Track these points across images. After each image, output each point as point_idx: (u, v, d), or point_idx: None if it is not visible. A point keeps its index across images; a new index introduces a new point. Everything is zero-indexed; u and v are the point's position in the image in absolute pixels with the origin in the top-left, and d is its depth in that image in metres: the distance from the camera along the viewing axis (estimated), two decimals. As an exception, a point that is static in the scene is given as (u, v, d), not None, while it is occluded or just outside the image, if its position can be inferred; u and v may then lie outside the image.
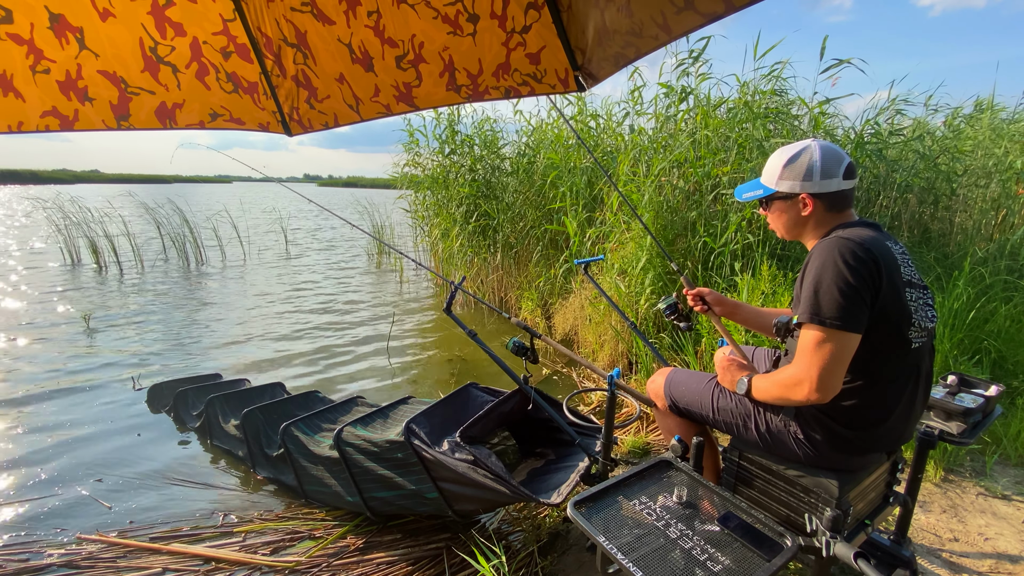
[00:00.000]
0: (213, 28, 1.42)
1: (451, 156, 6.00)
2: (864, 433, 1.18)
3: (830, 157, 1.23)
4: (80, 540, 2.12)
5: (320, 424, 2.38)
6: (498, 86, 1.64)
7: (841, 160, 1.23)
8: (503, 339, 3.85)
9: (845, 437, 1.19)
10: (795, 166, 1.25)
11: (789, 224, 1.32)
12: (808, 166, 1.23)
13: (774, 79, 3.81)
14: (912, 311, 1.15)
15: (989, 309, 3.16)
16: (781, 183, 1.28)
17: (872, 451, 1.22)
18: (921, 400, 1.25)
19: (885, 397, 1.18)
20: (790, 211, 1.30)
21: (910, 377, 1.19)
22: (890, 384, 1.18)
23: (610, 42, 1.38)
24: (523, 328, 2.05)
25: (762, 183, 1.33)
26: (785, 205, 1.30)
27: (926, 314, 1.18)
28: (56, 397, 3.52)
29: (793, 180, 1.26)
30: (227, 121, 1.57)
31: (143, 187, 42.01)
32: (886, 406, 1.18)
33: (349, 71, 1.59)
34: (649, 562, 0.99)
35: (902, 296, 1.14)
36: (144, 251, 8.95)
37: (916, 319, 1.16)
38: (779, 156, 1.29)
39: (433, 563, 1.93)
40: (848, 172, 1.23)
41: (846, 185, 1.23)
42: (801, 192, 1.25)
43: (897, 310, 1.13)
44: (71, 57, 1.26)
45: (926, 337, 1.19)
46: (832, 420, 1.20)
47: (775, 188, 1.29)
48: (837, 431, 1.19)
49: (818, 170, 1.22)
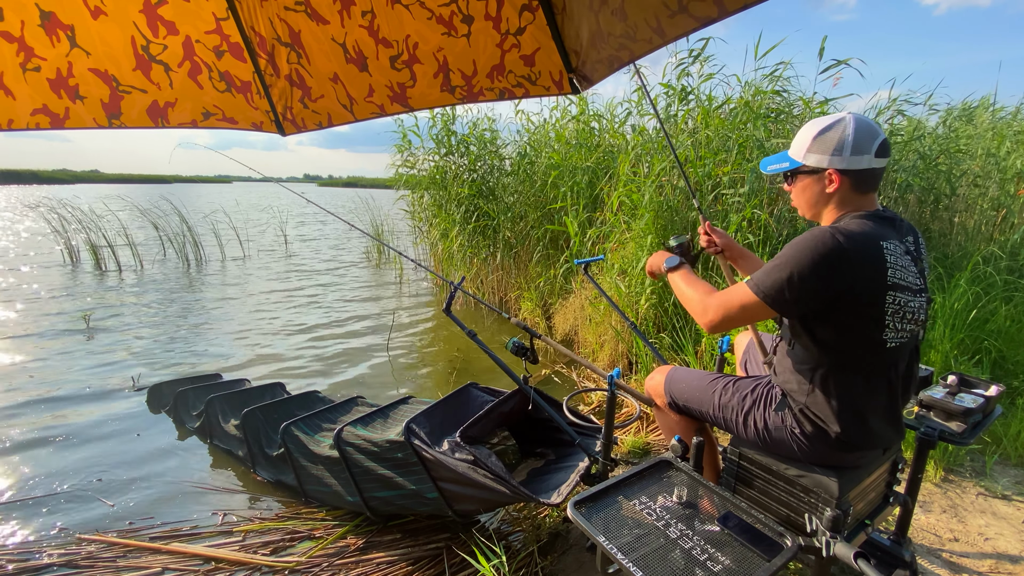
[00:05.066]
0: (206, 27, 1.41)
1: (448, 157, 6.00)
2: (848, 429, 1.18)
3: (864, 132, 1.15)
4: (80, 540, 2.12)
5: (320, 424, 2.38)
6: (492, 87, 1.64)
7: (875, 136, 1.15)
8: (503, 339, 3.85)
9: (833, 433, 1.19)
10: (825, 139, 1.17)
11: (812, 200, 1.25)
12: (839, 140, 1.15)
13: (776, 79, 3.81)
14: (888, 312, 1.12)
15: (989, 309, 3.16)
16: (809, 156, 1.20)
17: (861, 448, 1.21)
18: (901, 397, 1.24)
19: (860, 393, 1.18)
20: (815, 187, 1.22)
21: (884, 375, 1.18)
22: (865, 381, 1.17)
23: (604, 45, 1.38)
24: (523, 328, 2.05)
25: (789, 155, 1.26)
26: (810, 180, 1.23)
27: (909, 316, 1.15)
28: (56, 397, 3.52)
29: (821, 154, 1.18)
30: (220, 120, 1.57)
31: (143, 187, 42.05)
32: (863, 402, 1.18)
33: (343, 71, 1.58)
34: (649, 562, 0.99)
35: (879, 298, 1.11)
36: (143, 251, 8.95)
37: (891, 321, 1.13)
38: (810, 128, 1.21)
39: (433, 563, 1.93)
40: (881, 150, 1.15)
41: (877, 164, 1.16)
42: (828, 167, 1.18)
43: (869, 312, 1.11)
44: (62, 55, 1.25)
45: (906, 338, 1.17)
46: (818, 416, 1.20)
47: (802, 161, 1.23)
48: (824, 427, 1.19)
49: (850, 145, 1.14)
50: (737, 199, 3.49)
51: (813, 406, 1.21)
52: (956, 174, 4.11)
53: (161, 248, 9.71)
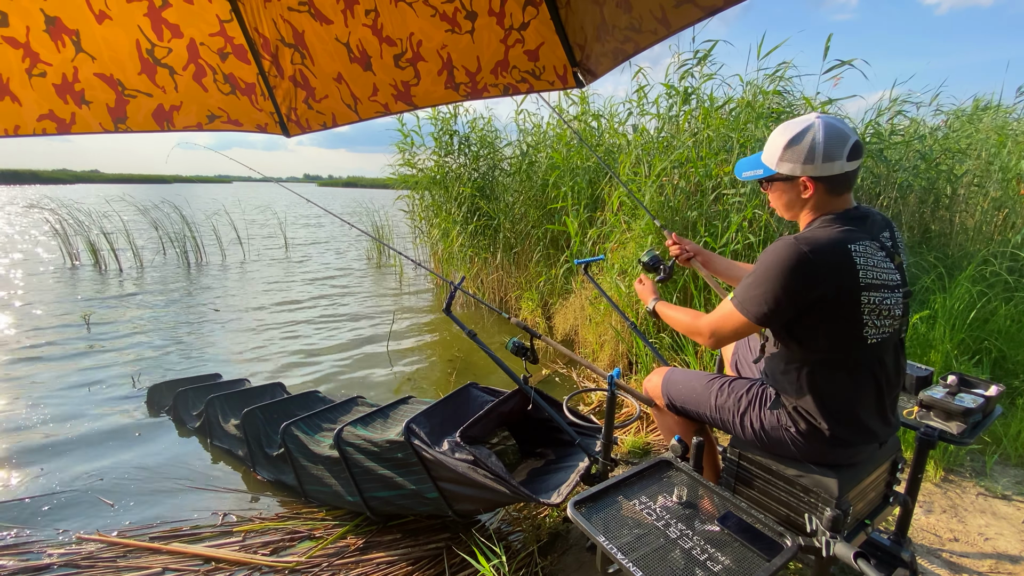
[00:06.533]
0: (210, 29, 1.41)
1: (447, 157, 5.99)
2: (839, 425, 1.20)
3: (834, 137, 1.17)
4: (80, 540, 2.12)
5: (320, 424, 2.38)
6: (497, 83, 1.64)
7: (846, 140, 1.17)
8: (503, 339, 3.85)
9: (825, 429, 1.20)
10: (797, 148, 1.20)
11: (788, 205, 1.29)
12: (810, 148, 1.18)
13: (778, 79, 3.81)
14: (865, 312, 1.15)
15: (989, 309, 3.16)
16: (782, 164, 1.23)
17: (854, 443, 1.22)
18: (888, 391, 1.25)
19: (848, 390, 1.20)
20: (790, 192, 1.26)
21: (870, 370, 1.20)
22: (850, 377, 1.20)
23: (609, 37, 1.38)
24: (523, 328, 2.05)
25: (763, 161, 1.29)
26: (785, 186, 1.27)
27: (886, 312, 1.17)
28: (56, 397, 3.52)
29: (794, 163, 1.21)
30: (225, 123, 1.56)
31: (143, 187, 42.00)
32: (851, 398, 1.20)
33: (347, 70, 1.58)
34: (649, 562, 0.99)
35: (854, 300, 1.14)
36: (143, 251, 8.95)
37: (869, 319, 1.15)
38: (781, 135, 1.23)
39: (433, 563, 1.93)
40: (853, 152, 1.17)
41: (850, 167, 1.18)
42: (802, 175, 1.21)
43: (846, 313, 1.15)
44: (67, 60, 1.25)
45: (888, 333, 1.19)
46: (809, 413, 1.22)
47: (775, 170, 1.25)
48: (816, 423, 1.21)
49: (820, 153, 1.17)
50: (738, 199, 3.49)
51: (804, 404, 1.23)
52: (956, 174, 4.10)
53: (161, 248, 9.72)
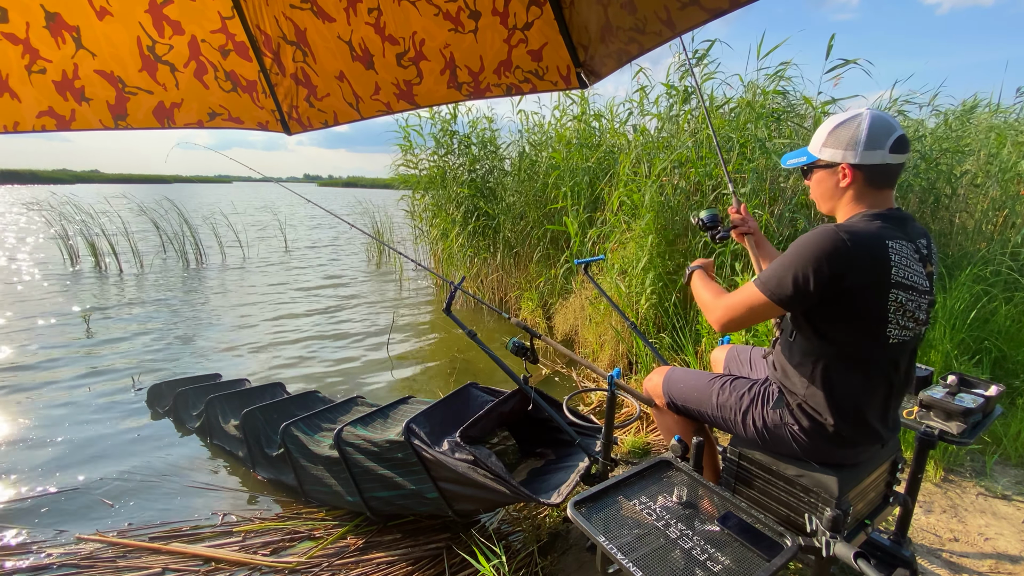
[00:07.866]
0: (212, 26, 1.41)
1: (447, 157, 5.98)
2: (845, 423, 1.19)
3: (879, 127, 1.15)
4: (79, 540, 2.12)
5: (320, 424, 2.38)
6: (499, 83, 1.63)
7: (891, 131, 1.15)
8: (503, 339, 3.85)
9: (829, 426, 1.20)
10: (840, 133, 1.19)
11: (827, 194, 1.27)
12: (854, 135, 1.16)
13: (779, 79, 3.81)
14: (891, 310, 1.13)
15: (990, 309, 3.16)
16: (824, 150, 1.22)
17: (856, 443, 1.22)
18: (898, 393, 1.25)
19: (860, 388, 1.19)
20: (829, 180, 1.24)
21: (884, 371, 1.20)
22: (864, 375, 1.19)
23: (613, 38, 1.38)
24: (523, 328, 2.05)
25: (808, 150, 1.28)
26: (825, 174, 1.25)
27: (911, 315, 1.16)
28: (56, 397, 3.52)
29: (835, 148, 1.20)
30: (226, 120, 1.56)
31: (143, 187, 42.02)
32: (861, 397, 1.19)
33: (349, 69, 1.58)
34: (649, 562, 0.99)
35: (883, 295, 1.12)
36: (143, 251, 8.94)
37: (894, 317, 1.14)
38: (828, 123, 1.23)
39: (433, 563, 1.93)
40: (897, 146, 1.15)
41: (892, 159, 1.16)
42: (842, 162, 1.19)
43: (872, 308, 1.13)
44: (68, 57, 1.24)
45: (908, 337, 1.18)
46: (815, 410, 1.21)
47: (817, 156, 1.25)
48: (821, 421, 1.20)
49: (863, 140, 1.15)
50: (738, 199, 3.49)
51: (811, 399, 1.22)
52: (956, 174, 4.11)
53: (161, 248, 9.72)
